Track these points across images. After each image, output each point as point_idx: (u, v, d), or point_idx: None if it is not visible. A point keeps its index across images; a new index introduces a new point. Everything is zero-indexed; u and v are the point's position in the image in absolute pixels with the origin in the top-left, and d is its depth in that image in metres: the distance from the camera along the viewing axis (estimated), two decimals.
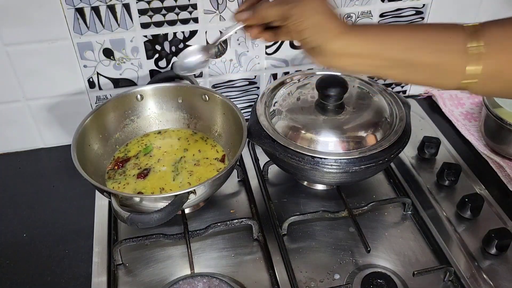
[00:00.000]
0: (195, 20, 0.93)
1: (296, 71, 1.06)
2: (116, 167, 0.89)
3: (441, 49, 0.54)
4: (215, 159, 0.91)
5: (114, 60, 0.95)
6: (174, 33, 0.94)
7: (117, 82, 0.98)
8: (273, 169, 0.96)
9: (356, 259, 0.81)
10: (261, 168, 0.95)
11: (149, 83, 0.96)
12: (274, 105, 0.88)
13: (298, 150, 0.79)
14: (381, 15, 1.03)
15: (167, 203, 0.70)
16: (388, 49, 0.57)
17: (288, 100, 0.88)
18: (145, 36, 0.93)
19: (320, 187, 0.94)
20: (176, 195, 0.72)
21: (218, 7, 0.93)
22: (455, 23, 0.55)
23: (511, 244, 0.79)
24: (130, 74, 0.98)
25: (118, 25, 0.90)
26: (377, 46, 0.57)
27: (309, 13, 0.57)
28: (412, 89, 1.19)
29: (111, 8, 0.88)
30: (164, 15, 0.91)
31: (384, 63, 0.57)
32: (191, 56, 0.75)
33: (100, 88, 0.98)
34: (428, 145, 0.97)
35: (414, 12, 1.04)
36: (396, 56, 0.56)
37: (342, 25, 0.57)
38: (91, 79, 0.96)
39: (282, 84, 0.93)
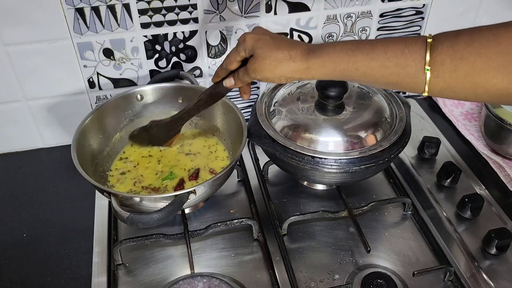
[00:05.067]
0: (195, 20, 0.93)
1: None
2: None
3: (395, 74, 0.58)
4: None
5: (114, 60, 0.95)
6: (174, 33, 0.94)
7: (117, 82, 0.98)
8: (273, 169, 0.96)
9: (356, 259, 0.81)
10: (261, 168, 0.95)
11: (149, 83, 0.96)
12: (274, 105, 0.88)
13: (298, 150, 0.79)
14: (381, 15, 1.03)
15: (167, 203, 0.70)
16: (349, 76, 0.62)
17: (288, 100, 0.88)
18: (145, 36, 0.93)
19: (320, 187, 0.94)
20: (176, 195, 0.72)
21: (218, 7, 0.93)
22: (414, 41, 0.57)
23: (511, 244, 0.79)
24: (130, 74, 0.98)
25: (118, 25, 0.90)
26: (339, 74, 0.63)
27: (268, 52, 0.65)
28: None
29: (111, 8, 0.88)
30: (164, 15, 0.91)
31: (347, 78, 0.64)
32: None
33: (100, 88, 0.98)
34: (428, 145, 0.97)
35: (414, 12, 1.04)
36: (358, 79, 0.62)
37: (303, 61, 0.63)
38: (91, 79, 0.96)
39: (282, 84, 0.93)
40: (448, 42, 0.55)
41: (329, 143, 0.81)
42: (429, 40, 0.56)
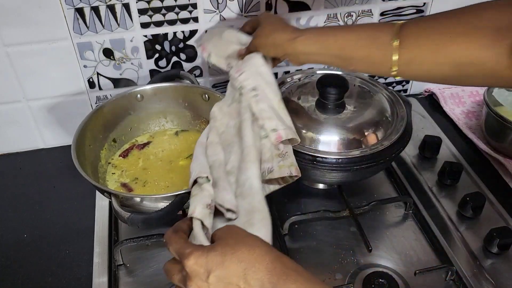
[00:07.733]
0: (195, 19, 0.93)
1: (297, 70, 1.05)
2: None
3: (368, 45, 0.68)
4: None
5: (114, 60, 0.95)
6: (174, 33, 0.94)
7: (117, 82, 0.98)
8: None
9: (357, 259, 0.81)
10: None
11: (149, 83, 0.95)
12: None
13: (298, 150, 0.79)
14: (382, 14, 1.03)
15: (168, 203, 0.70)
16: (328, 48, 0.71)
17: (289, 100, 0.88)
18: (145, 36, 0.93)
19: (321, 186, 0.94)
20: (176, 195, 0.71)
21: (218, 7, 0.93)
22: (387, 23, 0.68)
23: None
24: (130, 74, 0.98)
25: (118, 25, 0.90)
26: (320, 46, 0.72)
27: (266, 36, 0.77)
28: (413, 88, 1.19)
29: (111, 8, 0.88)
30: (164, 15, 0.91)
31: (329, 58, 0.72)
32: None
33: (100, 88, 0.98)
34: (430, 144, 0.97)
35: (414, 10, 1.04)
36: (335, 52, 0.71)
37: (293, 33, 0.73)
38: (91, 79, 0.96)
39: (282, 83, 0.93)
40: (414, 20, 0.67)
41: (330, 143, 0.80)
42: (399, 22, 0.66)
